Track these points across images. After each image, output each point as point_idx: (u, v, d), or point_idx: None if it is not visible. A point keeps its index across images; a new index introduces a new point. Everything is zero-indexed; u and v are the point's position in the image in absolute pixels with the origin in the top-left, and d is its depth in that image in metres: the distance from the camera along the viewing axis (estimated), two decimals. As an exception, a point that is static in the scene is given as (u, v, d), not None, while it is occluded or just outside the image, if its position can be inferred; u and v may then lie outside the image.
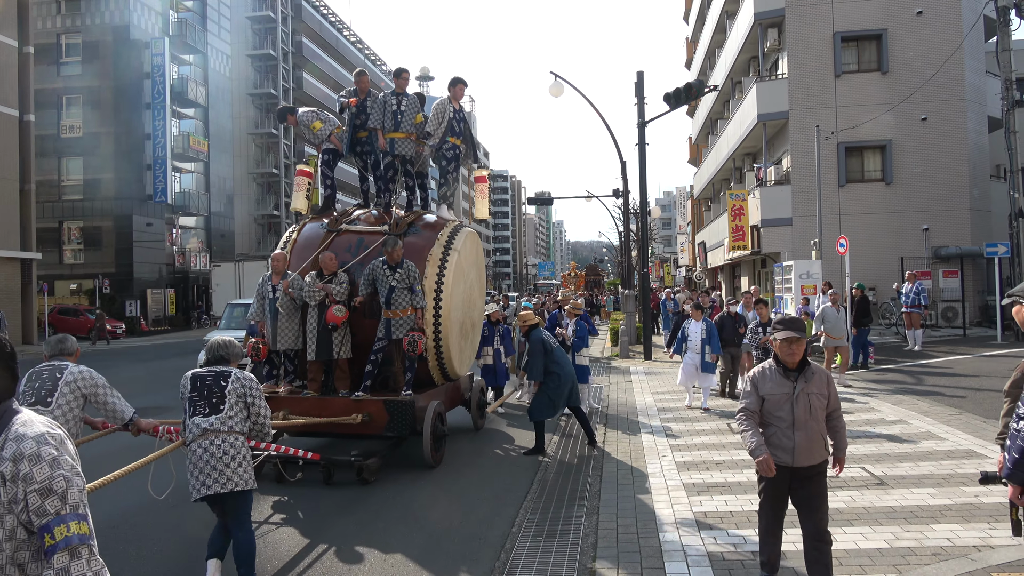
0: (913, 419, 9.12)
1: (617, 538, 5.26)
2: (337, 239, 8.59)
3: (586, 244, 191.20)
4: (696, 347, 10.46)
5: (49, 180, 35.32)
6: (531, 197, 35.42)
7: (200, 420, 4.34)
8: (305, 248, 8.62)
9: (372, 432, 7.48)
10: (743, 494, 6.19)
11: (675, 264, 64.16)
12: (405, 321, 7.70)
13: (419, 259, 8.14)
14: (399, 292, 7.66)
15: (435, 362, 8.29)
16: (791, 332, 4.04)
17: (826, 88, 23.51)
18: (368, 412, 7.35)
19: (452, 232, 8.69)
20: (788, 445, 4.04)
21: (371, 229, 8.63)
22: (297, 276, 7.97)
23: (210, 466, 4.26)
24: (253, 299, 8.24)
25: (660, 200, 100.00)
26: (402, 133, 8.96)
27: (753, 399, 4.13)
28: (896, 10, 23.08)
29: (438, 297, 8.11)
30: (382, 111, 8.90)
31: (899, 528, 5.21)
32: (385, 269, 7.67)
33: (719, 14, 31.95)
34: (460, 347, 8.83)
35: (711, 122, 37.36)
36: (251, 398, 4.45)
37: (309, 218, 9.23)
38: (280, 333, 7.89)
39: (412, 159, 9.20)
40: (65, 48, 36.47)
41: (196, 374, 4.50)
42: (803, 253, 21.65)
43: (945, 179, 22.71)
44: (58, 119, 35.99)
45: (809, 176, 22.00)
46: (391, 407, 7.36)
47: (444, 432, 7.96)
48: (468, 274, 9.03)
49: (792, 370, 4.08)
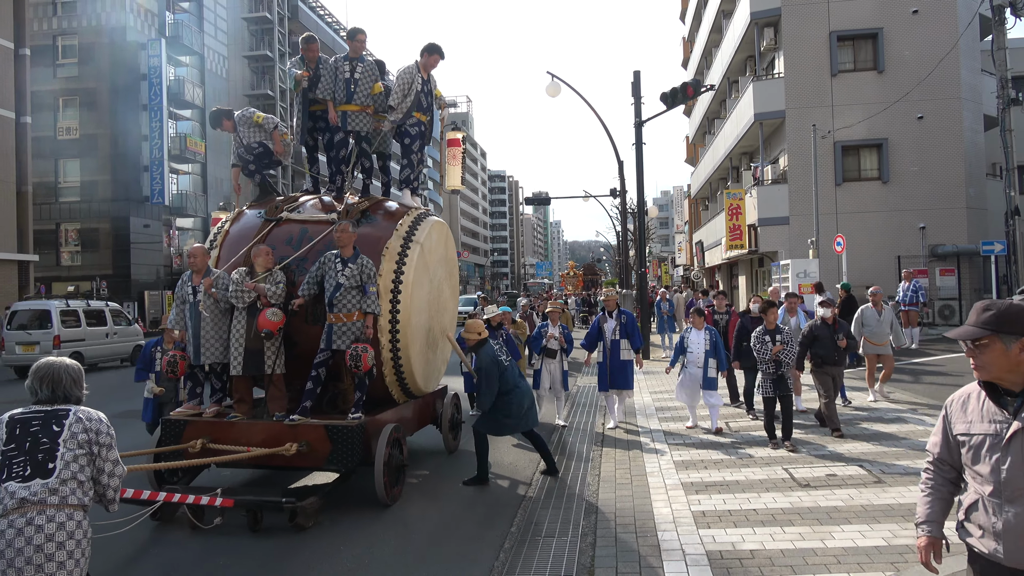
0: (910, 416, 9.15)
1: (615, 537, 5.27)
2: (276, 230, 7.27)
3: (584, 244, 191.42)
4: (698, 360, 8.83)
5: (46, 182, 35.25)
6: (529, 197, 35.42)
7: (17, 486, 2.78)
8: (238, 242, 7.34)
9: (311, 465, 6.29)
10: (741, 492, 6.21)
11: (672, 263, 64.21)
12: (349, 328, 6.40)
13: (373, 253, 6.85)
14: (345, 292, 6.38)
15: (393, 377, 7.01)
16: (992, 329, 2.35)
17: (822, 87, 23.57)
18: (306, 440, 6.11)
19: (414, 222, 7.38)
20: (995, 525, 2.37)
21: (317, 218, 7.30)
22: (223, 273, 6.68)
23: (21, 561, 2.69)
24: (173, 305, 7.00)
25: (657, 200, 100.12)
26: (356, 106, 7.71)
27: (938, 441, 2.63)
28: (892, 9, 23.14)
29: (395, 299, 6.82)
30: (332, 79, 7.67)
31: (897, 526, 5.22)
32: (336, 263, 6.46)
33: (715, 13, 31.98)
34: (426, 358, 7.54)
35: (708, 121, 37.39)
36: (98, 447, 2.95)
37: (245, 206, 7.96)
38: (204, 343, 6.55)
39: (369, 136, 7.92)
40: (61, 50, 36.39)
41: (15, 417, 2.95)
42: (800, 252, 21.70)
43: (941, 177, 22.77)
44: (55, 121, 35.92)
45: (806, 175, 22.05)
46: (335, 433, 6.09)
47: (402, 462, 6.62)
48: (434, 272, 7.73)
49: (1013, 393, 2.39)
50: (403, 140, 7.89)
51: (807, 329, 8.56)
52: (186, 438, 6.33)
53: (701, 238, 37.91)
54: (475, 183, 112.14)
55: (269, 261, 6.68)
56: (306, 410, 6.39)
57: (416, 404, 7.62)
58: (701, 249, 37.47)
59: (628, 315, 9.43)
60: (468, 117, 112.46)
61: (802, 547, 4.89)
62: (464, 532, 5.81)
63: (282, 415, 6.42)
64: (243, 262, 6.86)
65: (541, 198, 35.20)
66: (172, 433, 6.43)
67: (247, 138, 8.02)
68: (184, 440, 6.31)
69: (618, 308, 9.44)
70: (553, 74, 18.25)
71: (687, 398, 9.17)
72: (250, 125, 7.99)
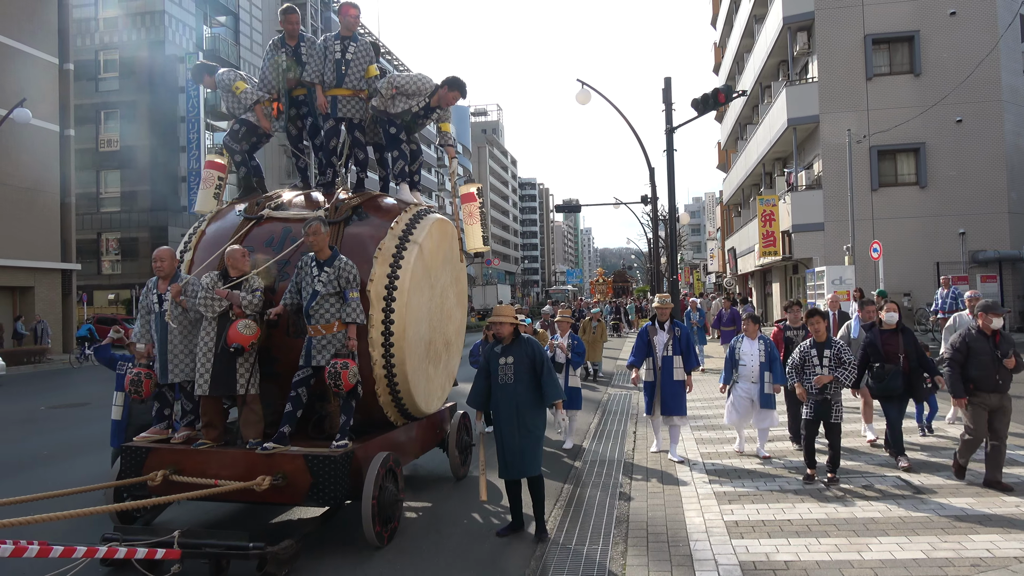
0: (951, 428, 8.93)
1: (647, 546, 5.23)
2: (257, 230, 6.44)
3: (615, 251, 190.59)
4: (752, 374, 7.74)
5: (88, 193, 36.26)
6: (559, 205, 35.49)
7: None
8: (215, 243, 6.48)
9: (289, 501, 5.44)
10: (775, 503, 6.12)
11: (705, 271, 63.62)
12: (329, 341, 5.61)
13: (363, 256, 6.04)
14: (323, 300, 5.62)
15: (388, 396, 6.14)
16: None
17: (857, 91, 23.23)
18: (282, 472, 5.25)
19: (412, 219, 6.51)
20: None
21: (303, 215, 6.44)
22: (193, 279, 5.95)
23: None
24: (138, 316, 6.21)
25: (689, 206, 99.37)
26: (347, 90, 6.93)
27: None
28: (928, 11, 22.76)
29: (389, 307, 5.95)
30: (321, 60, 6.92)
31: (936, 538, 5.11)
32: (312, 267, 5.69)
33: (747, 18, 31.74)
34: (427, 375, 6.63)
35: (740, 127, 37.07)
36: None
37: (226, 204, 7.14)
38: (172, 359, 5.82)
39: (362, 124, 7.17)
40: (103, 64, 37.50)
41: None
42: (835, 258, 21.38)
43: (982, 182, 22.27)
44: (96, 133, 37.01)
45: (841, 180, 21.73)
46: (315, 464, 5.23)
47: (396, 496, 5.64)
48: (437, 276, 6.81)
49: None
50: (388, 128, 7.02)
51: (959, 340, 6.42)
52: (148, 468, 5.50)
53: (733, 245, 37.54)
54: (505, 191, 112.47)
55: (245, 264, 5.85)
56: (284, 436, 5.52)
57: (418, 426, 6.75)
58: (734, 256, 37.10)
59: (683, 328, 8.07)
60: (499, 125, 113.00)
61: (838, 559, 4.80)
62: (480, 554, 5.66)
63: (256, 442, 5.55)
64: (218, 266, 6.04)
65: (571, 205, 35.20)
66: (132, 462, 5.57)
67: (230, 107, 7.22)
68: (146, 470, 5.50)
69: (671, 319, 8.10)
70: (583, 81, 18.24)
71: (738, 418, 7.95)
72: (228, 90, 7.13)
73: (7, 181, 24.98)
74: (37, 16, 26.77)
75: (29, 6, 26.38)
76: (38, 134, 26.03)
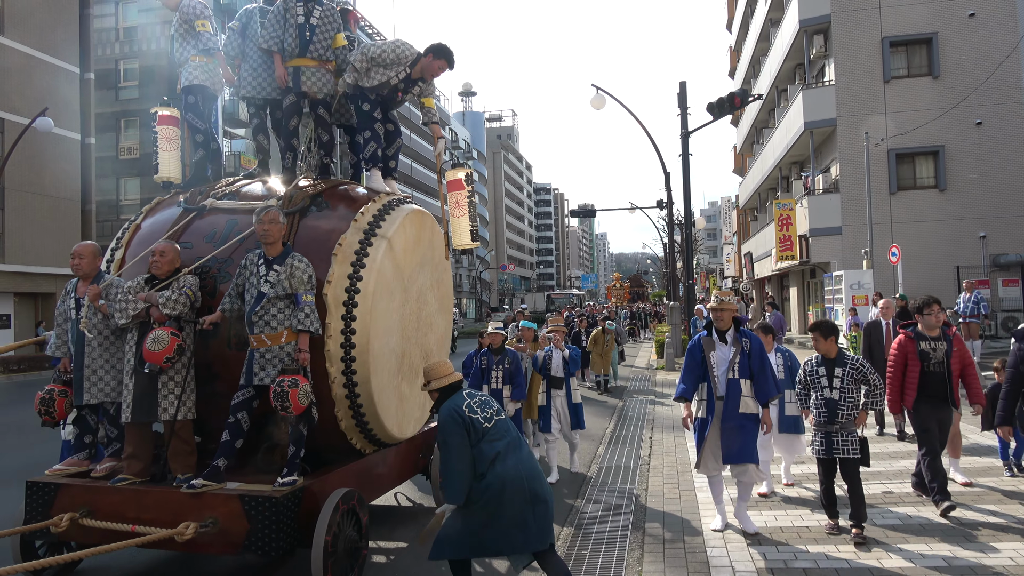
0: (973, 434, 8.82)
1: (663, 552, 5.21)
2: (198, 222, 5.49)
3: (630, 256, 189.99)
4: None
5: (108, 200, 36.74)
6: (574, 210, 35.39)
7: None
8: (151, 240, 5.50)
9: (223, 551, 4.41)
10: (793, 509, 6.07)
11: (721, 275, 63.29)
12: (275, 355, 4.67)
13: (320, 253, 5.09)
14: (270, 304, 4.69)
15: (351, 421, 5.16)
16: None
17: (875, 94, 23.05)
18: (213, 516, 4.33)
19: (381, 211, 5.53)
20: None
21: (250, 206, 5.37)
22: (116, 280, 5.03)
23: None
24: (55, 324, 5.26)
25: (705, 211, 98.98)
26: (311, 60, 6.03)
27: None
28: (947, 13, 22.55)
29: (350, 314, 4.99)
30: (280, 25, 5.97)
31: (957, 546, 5.04)
32: (259, 266, 4.76)
33: (763, 22, 31.61)
34: (400, 394, 5.65)
35: (756, 131, 36.89)
36: None
37: (171, 194, 6.09)
38: (89, 376, 4.86)
39: (327, 99, 6.22)
40: (123, 73, 38.09)
41: None
42: (853, 263, 21.19)
43: (1003, 184, 22.00)
44: (116, 141, 37.55)
45: (858, 184, 21.56)
46: (253, 507, 4.30)
47: (357, 544, 4.66)
48: (412, 278, 5.81)
49: None
50: (361, 105, 6.00)
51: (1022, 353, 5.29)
52: (57, 508, 4.60)
53: (750, 249, 37.31)
54: (520, 196, 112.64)
55: (176, 261, 4.96)
56: (217, 472, 4.55)
57: (393, 453, 5.75)
58: (750, 260, 36.87)
59: (754, 340, 5.62)
60: (513, 131, 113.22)
61: (858, 566, 4.76)
62: None
63: (185, 478, 4.60)
64: (148, 267, 5.10)
65: (587, 210, 35.10)
66: (39, 501, 4.68)
67: (182, 49, 6.13)
68: (54, 511, 4.59)
69: (736, 327, 5.62)
70: (598, 86, 18.27)
71: (763, 452, 6.09)
72: (189, 24, 6.06)
73: (30, 189, 25.39)
74: (60, 27, 27.26)
75: (52, 18, 26.87)
76: (60, 143, 26.44)
